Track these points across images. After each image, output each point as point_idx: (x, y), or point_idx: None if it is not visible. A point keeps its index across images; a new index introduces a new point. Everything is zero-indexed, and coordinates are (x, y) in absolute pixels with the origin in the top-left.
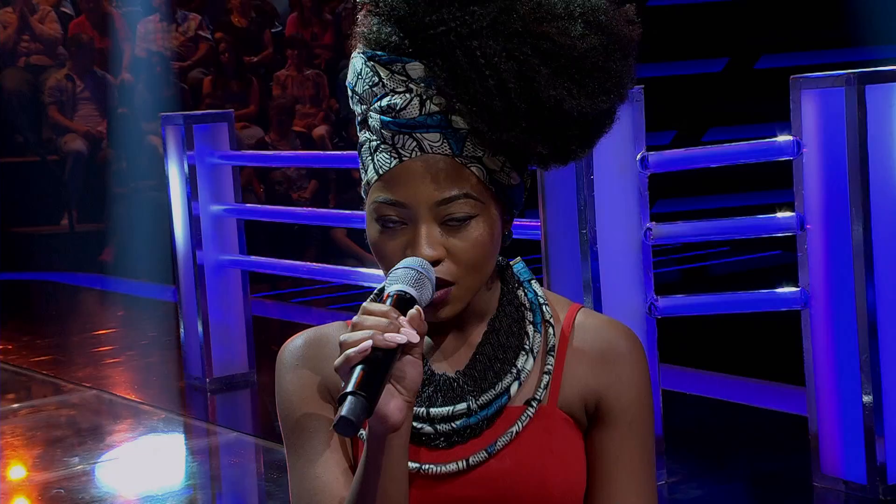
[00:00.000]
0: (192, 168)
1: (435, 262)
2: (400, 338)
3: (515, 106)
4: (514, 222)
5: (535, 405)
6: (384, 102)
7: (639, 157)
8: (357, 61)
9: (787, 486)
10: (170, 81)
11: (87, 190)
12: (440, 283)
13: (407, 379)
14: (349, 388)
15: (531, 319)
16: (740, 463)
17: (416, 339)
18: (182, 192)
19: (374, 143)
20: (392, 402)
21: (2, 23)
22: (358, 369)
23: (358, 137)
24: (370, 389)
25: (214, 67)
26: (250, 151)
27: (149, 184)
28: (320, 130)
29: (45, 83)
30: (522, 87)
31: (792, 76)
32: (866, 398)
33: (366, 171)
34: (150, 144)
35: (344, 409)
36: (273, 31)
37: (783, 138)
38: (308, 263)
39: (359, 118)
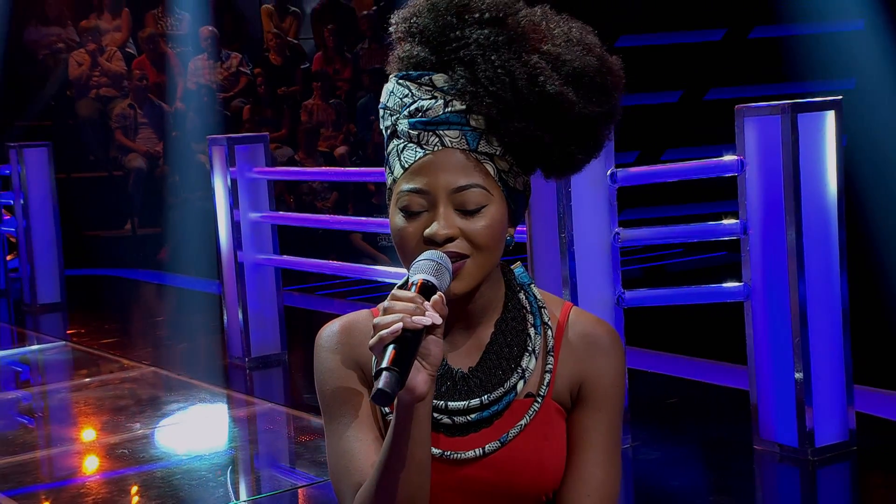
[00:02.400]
0: (233, 182)
1: (450, 240)
2: (426, 320)
3: (525, 98)
4: None
5: (540, 400)
6: (413, 107)
7: (609, 172)
8: (390, 83)
9: (732, 449)
10: (215, 109)
11: (146, 200)
12: (455, 257)
13: (431, 355)
14: (384, 365)
15: (532, 322)
16: (692, 429)
17: (438, 321)
18: (225, 202)
19: (402, 146)
20: (419, 376)
21: (77, 61)
22: (390, 348)
23: (380, 152)
24: (402, 365)
25: (253, 97)
26: (282, 168)
27: (198, 195)
28: (341, 150)
29: (112, 111)
30: (531, 85)
31: (736, 106)
32: (798, 375)
33: (392, 172)
34: (199, 162)
35: (381, 383)
36: (302, 67)
37: (729, 158)
38: (330, 262)
39: (388, 132)
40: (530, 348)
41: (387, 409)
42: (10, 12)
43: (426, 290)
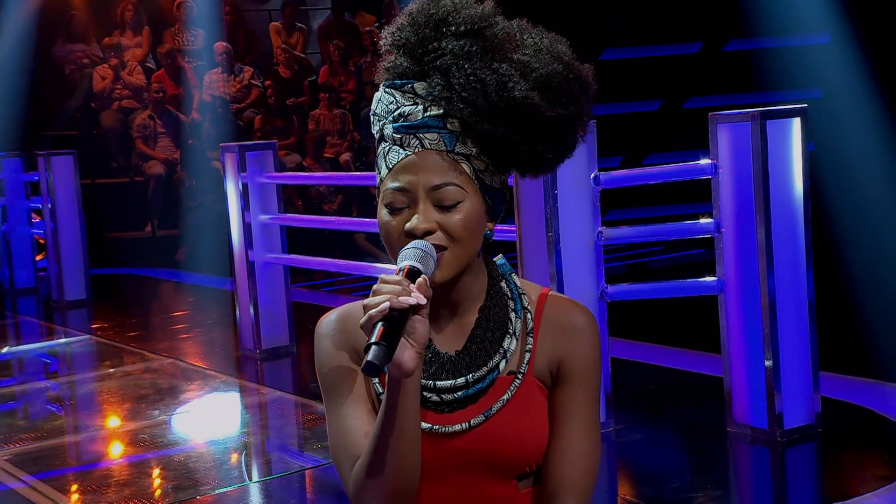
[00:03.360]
0: (245, 186)
1: (430, 233)
2: (411, 300)
3: (496, 104)
4: (498, 227)
5: (520, 377)
6: (396, 113)
7: (592, 176)
8: (378, 92)
9: (707, 431)
10: (228, 119)
11: (165, 204)
12: (435, 248)
13: (417, 333)
14: (373, 340)
15: (513, 307)
16: (671, 413)
17: (423, 301)
18: (238, 205)
19: (387, 148)
20: (406, 353)
21: (100, 75)
22: (379, 325)
23: (374, 156)
24: (389, 340)
25: (263, 108)
26: (291, 173)
27: (212, 198)
28: (345, 156)
29: (134, 122)
30: (501, 91)
31: (710, 113)
32: (767, 363)
33: (380, 172)
34: (213, 168)
35: (369, 355)
36: (309, 79)
37: (704, 162)
38: (336, 260)
39: (377, 135)
40: (511, 330)
41: (380, 389)
42: (39, 30)
43: (412, 274)
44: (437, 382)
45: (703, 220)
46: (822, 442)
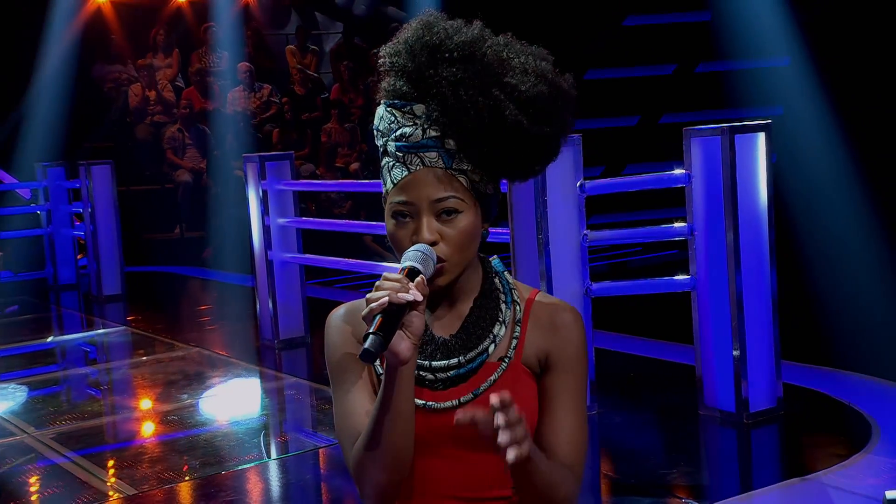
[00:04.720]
0: (265, 192)
1: (433, 244)
2: (409, 296)
3: (488, 127)
4: (492, 230)
5: (507, 362)
6: (398, 133)
7: (578, 184)
8: (380, 108)
9: (681, 414)
10: (249, 132)
11: (192, 208)
12: (438, 259)
13: (413, 326)
14: (371, 330)
15: (504, 299)
16: (648, 398)
17: (420, 298)
18: (258, 209)
19: (391, 163)
20: (402, 344)
21: (135, 93)
22: (378, 317)
23: (380, 165)
24: (386, 331)
25: (281, 122)
26: (305, 181)
27: (235, 204)
28: (355, 166)
29: (164, 134)
30: (493, 115)
31: (684, 128)
32: (735, 352)
33: (385, 184)
34: (236, 176)
35: (367, 343)
36: (322, 96)
37: (678, 171)
38: (346, 259)
39: (381, 149)
40: (501, 319)
41: (381, 371)
42: (80, 52)
43: (412, 274)
44: (433, 363)
45: (677, 224)
46: (784, 424)
